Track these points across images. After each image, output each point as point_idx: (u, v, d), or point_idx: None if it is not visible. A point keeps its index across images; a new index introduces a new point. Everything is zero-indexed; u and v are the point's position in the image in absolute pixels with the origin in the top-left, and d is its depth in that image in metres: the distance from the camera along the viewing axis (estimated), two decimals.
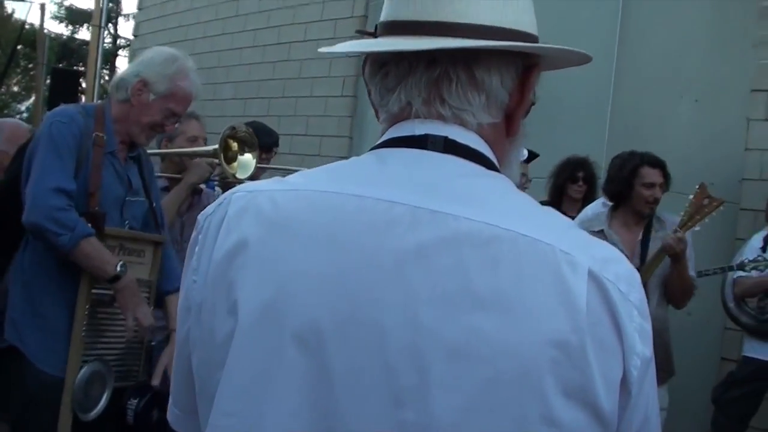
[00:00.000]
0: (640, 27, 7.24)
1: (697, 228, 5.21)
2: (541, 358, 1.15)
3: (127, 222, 3.93)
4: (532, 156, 6.23)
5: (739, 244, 6.94)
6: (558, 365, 1.15)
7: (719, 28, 7.70)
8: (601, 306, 1.19)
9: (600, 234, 5.16)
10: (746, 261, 6.05)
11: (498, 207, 1.25)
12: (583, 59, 1.45)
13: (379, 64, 1.37)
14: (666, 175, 5.28)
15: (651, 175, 5.24)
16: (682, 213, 5.20)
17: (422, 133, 1.32)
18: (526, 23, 1.37)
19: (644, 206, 5.29)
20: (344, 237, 1.22)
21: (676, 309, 5.49)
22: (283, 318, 1.21)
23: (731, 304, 6.58)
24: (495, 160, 1.37)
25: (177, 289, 2.18)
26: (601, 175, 6.49)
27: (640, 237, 5.33)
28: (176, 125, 4.17)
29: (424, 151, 1.31)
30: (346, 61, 10.67)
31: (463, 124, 1.34)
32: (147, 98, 3.86)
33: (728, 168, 7.63)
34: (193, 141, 5.18)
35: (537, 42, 1.38)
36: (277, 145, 6.71)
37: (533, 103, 1.50)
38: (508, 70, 1.36)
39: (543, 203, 5.31)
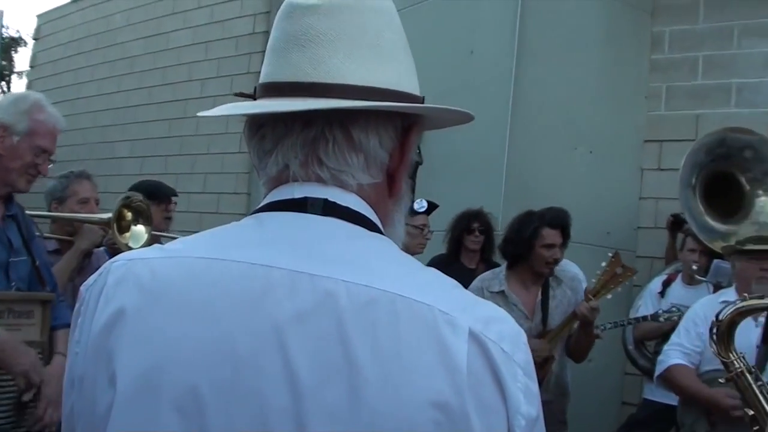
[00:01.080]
0: (534, 80, 7.33)
1: (609, 296, 5.24)
2: (422, 420, 1.14)
3: (13, 284, 3.79)
4: (432, 207, 6.24)
5: (636, 291, 7.06)
6: (439, 426, 1.14)
7: (612, 80, 7.87)
8: (483, 366, 1.18)
9: (500, 295, 5.14)
10: (660, 312, 6.17)
11: (377, 269, 1.24)
12: (465, 118, 1.46)
13: (257, 126, 1.36)
14: (566, 235, 5.27)
15: (551, 236, 5.18)
16: (594, 280, 5.20)
17: (301, 196, 1.32)
18: (406, 84, 1.37)
19: (544, 267, 5.21)
20: (223, 303, 1.20)
21: (576, 363, 5.50)
22: (161, 386, 1.17)
23: (630, 347, 6.74)
24: (377, 221, 1.37)
25: (65, 325, 2.13)
26: (498, 226, 6.57)
27: (539, 297, 5.28)
28: (50, 165, 4.02)
29: (304, 215, 1.30)
30: (243, 118, 10.62)
31: (342, 185, 1.33)
32: (11, 141, 3.74)
33: (623, 217, 7.78)
34: (85, 203, 5.05)
35: (420, 102, 1.39)
36: (175, 194, 6.58)
37: (419, 163, 1.49)
38: (386, 131, 1.35)
39: (443, 256, 5.27)
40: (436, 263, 6.57)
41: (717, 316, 2.40)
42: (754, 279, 4.56)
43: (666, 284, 6.65)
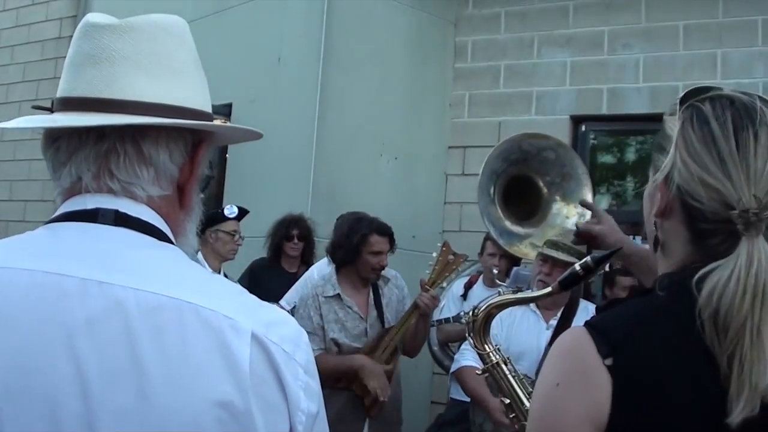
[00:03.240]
0: (340, 87, 7.43)
1: (444, 284, 5.33)
2: (207, 419, 1.22)
3: None
4: (243, 213, 6.23)
5: (440, 292, 7.18)
6: (224, 425, 1.22)
7: (416, 88, 8.05)
8: (265, 366, 1.27)
9: (336, 299, 5.13)
10: (462, 314, 6.27)
11: (166, 277, 1.30)
12: (254, 136, 1.57)
13: (52, 138, 1.40)
14: (392, 242, 5.32)
15: (379, 243, 5.21)
16: (428, 271, 5.28)
17: (93, 207, 1.36)
18: (196, 101, 1.45)
19: (370, 273, 5.23)
20: (16, 311, 1.23)
21: (411, 358, 5.58)
22: None
23: (435, 348, 6.85)
24: (168, 231, 1.43)
25: None
26: (315, 230, 6.66)
27: (371, 297, 5.31)
28: None
29: (96, 225, 1.34)
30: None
31: (132, 197, 1.38)
32: None
33: (429, 221, 7.96)
34: None
35: (209, 119, 1.46)
36: None
37: (212, 177, 1.53)
38: (176, 146, 1.42)
39: (264, 260, 5.25)
40: (258, 267, 6.73)
41: (473, 310, 2.50)
42: (535, 280, 4.76)
43: (468, 286, 6.77)
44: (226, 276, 5.77)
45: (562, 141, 6.84)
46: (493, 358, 2.50)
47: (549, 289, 2.28)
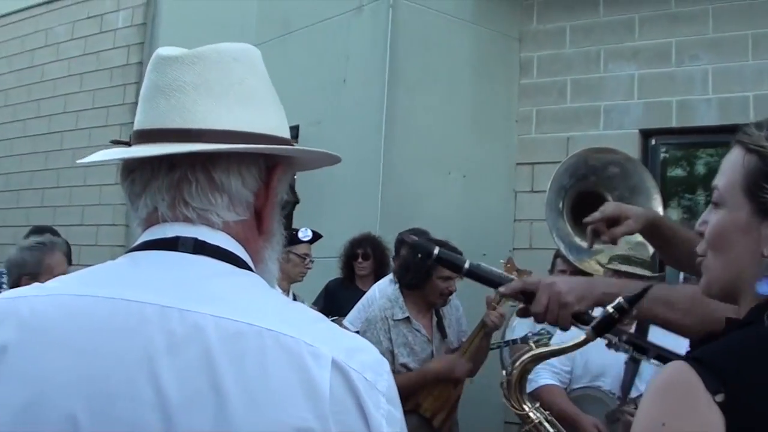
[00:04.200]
0: (406, 107, 7.43)
1: (511, 303, 5.31)
2: None
3: None
4: (316, 237, 6.26)
5: (512, 311, 7.12)
6: None
7: (482, 106, 8.02)
8: (345, 393, 1.26)
9: (405, 322, 5.11)
10: (530, 335, 6.21)
11: (245, 304, 1.31)
12: (332, 160, 1.57)
13: (128, 170, 1.44)
14: None
15: None
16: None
17: (173, 235, 1.38)
18: (270, 126, 1.46)
19: (438, 298, 5.20)
20: (99, 338, 1.25)
21: (471, 377, 5.56)
22: (41, 419, 1.21)
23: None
24: (247, 258, 1.44)
25: None
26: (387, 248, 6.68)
27: (434, 319, 5.29)
28: None
29: (176, 253, 1.37)
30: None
31: (209, 223, 1.41)
32: None
33: (499, 238, 7.91)
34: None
35: (286, 143, 1.47)
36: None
37: (297, 201, 1.54)
38: (249, 171, 1.43)
39: (338, 280, 5.28)
40: (333, 287, 6.82)
41: (507, 369, 2.43)
42: None
43: None
44: (295, 297, 5.80)
45: (629, 155, 6.75)
46: (533, 417, 2.43)
47: (584, 336, 2.20)
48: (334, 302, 6.46)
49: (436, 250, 2.50)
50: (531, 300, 2.44)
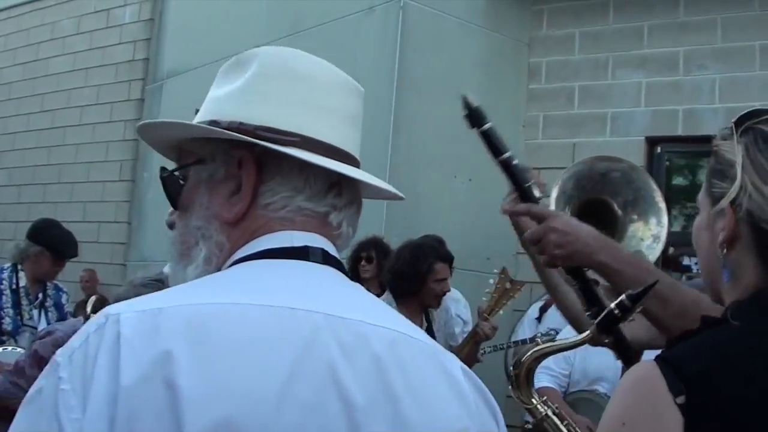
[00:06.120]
0: (414, 109, 7.44)
1: (501, 312, 5.30)
2: None
3: None
4: None
5: (517, 315, 7.14)
6: None
7: (490, 110, 7.78)
8: (476, 394, 1.34)
9: None
10: (538, 335, 6.23)
11: (380, 313, 1.36)
12: (392, 196, 1.61)
13: (331, 183, 1.44)
14: (452, 268, 5.31)
15: (444, 270, 5.21)
16: (485, 298, 5.26)
17: (301, 244, 1.38)
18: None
19: (433, 300, 5.23)
20: (278, 348, 1.21)
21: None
22: None
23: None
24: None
25: None
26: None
27: (424, 324, 5.28)
28: None
29: (308, 263, 1.37)
30: (123, 145, 10.49)
31: (329, 236, 1.44)
32: None
33: (504, 242, 7.86)
34: None
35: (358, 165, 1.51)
36: (75, 255, 6.62)
37: None
38: None
39: None
40: None
41: (514, 365, 2.44)
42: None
43: (543, 310, 6.73)
44: None
45: (634, 164, 6.75)
46: (541, 410, 2.44)
47: (587, 333, 2.19)
48: None
49: (488, 125, 2.52)
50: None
